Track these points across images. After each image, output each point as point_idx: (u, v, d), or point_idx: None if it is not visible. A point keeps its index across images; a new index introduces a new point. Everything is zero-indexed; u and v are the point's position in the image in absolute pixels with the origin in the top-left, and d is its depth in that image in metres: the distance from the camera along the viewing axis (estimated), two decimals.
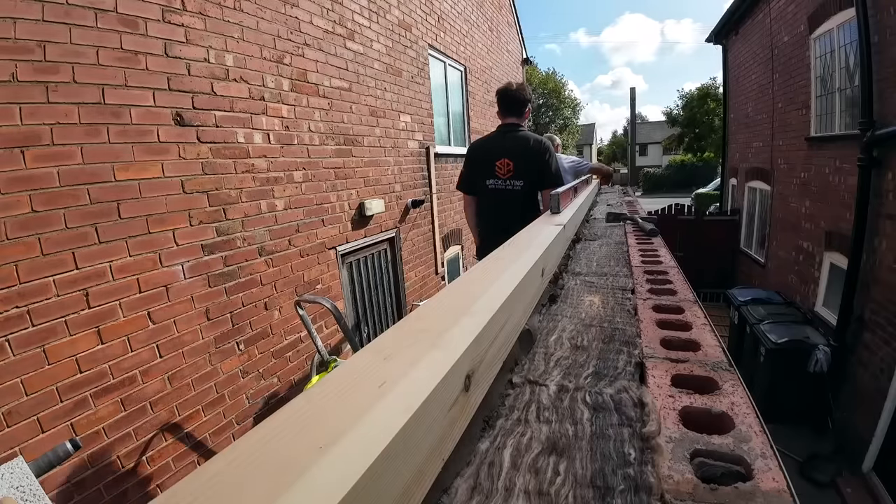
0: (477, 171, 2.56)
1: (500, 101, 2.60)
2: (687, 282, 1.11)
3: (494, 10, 7.45)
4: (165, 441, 2.10)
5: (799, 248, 5.55)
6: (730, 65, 8.78)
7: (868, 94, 3.87)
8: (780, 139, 6.25)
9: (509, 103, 2.57)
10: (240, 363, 2.51)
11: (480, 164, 2.54)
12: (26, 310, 1.61)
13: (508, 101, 2.57)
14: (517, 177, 2.45)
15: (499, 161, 2.47)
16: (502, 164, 2.46)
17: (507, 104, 2.57)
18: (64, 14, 1.70)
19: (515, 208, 2.45)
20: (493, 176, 2.49)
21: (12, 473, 0.91)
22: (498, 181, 2.48)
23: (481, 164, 2.53)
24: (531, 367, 0.70)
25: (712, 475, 0.43)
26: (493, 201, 2.52)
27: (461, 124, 6.24)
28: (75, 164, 1.75)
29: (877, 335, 3.73)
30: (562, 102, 25.66)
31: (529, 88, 2.78)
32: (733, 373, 0.62)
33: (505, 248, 0.90)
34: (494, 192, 2.50)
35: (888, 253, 3.66)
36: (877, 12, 3.79)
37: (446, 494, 0.43)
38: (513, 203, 2.46)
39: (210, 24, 2.29)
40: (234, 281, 2.45)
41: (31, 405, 1.62)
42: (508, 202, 2.47)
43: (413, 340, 0.43)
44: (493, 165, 2.48)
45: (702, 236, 8.13)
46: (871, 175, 3.84)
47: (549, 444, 0.50)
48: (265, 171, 2.64)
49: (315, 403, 0.32)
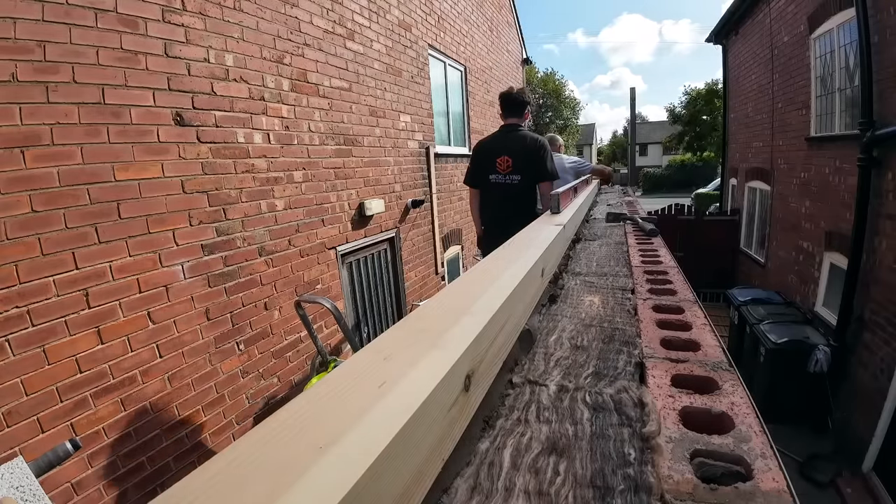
0: (481, 166, 2.84)
1: (502, 104, 2.90)
2: (687, 282, 1.11)
3: (494, 10, 7.45)
4: (165, 441, 2.10)
5: (799, 248, 5.55)
6: (730, 65, 8.78)
7: (868, 94, 3.87)
8: (780, 139, 6.25)
9: (510, 105, 2.86)
10: (240, 363, 2.51)
11: (484, 161, 2.82)
12: (26, 310, 1.61)
13: (509, 103, 2.86)
14: (515, 172, 2.72)
15: (499, 158, 2.74)
16: (502, 161, 2.74)
17: (508, 106, 2.86)
18: (64, 14, 1.70)
19: (514, 200, 2.74)
20: (494, 171, 2.77)
21: (12, 473, 0.91)
22: (499, 176, 2.76)
23: (485, 161, 2.82)
24: (531, 367, 0.70)
25: (712, 475, 0.43)
26: (494, 194, 2.81)
27: (461, 124, 6.24)
28: (75, 164, 1.75)
29: (877, 335, 3.72)
30: (561, 103, 25.64)
31: (528, 92, 3.00)
32: (733, 373, 0.62)
33: (505, 248, 0.90)
34: (496, 185, 2.78)
35: (888, 253, 3.66)
36: (877, 12, 3.79)
37: (446, 494, 0.43)
38: (512, 195, 2.74)
39: (210, 24, 2.29)
40: (234, 281, 2.45)
41: (31, 405, 1.62)
42: (508, 195, 2.75)
43: (413, 340, 0.43)
44: (494, 162, 2.76)
45: (702, 236, 8.12)
46: (871, 175, 3.84)
47: (549, 444, 0.50)
48: (265, 171, 2.64)
49: (315, 403, 0.32)
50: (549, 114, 25.33)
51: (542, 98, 25.09)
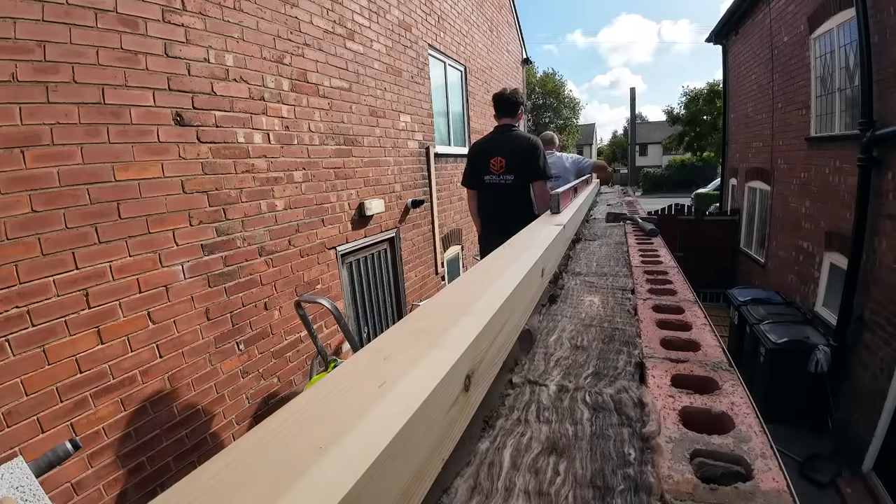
0: (476, 168, 2.85)
1: (496, 105, 2.92)
2: (687, 282, 1.11)
3: (494, 10, 7.45)
4: (165, 441, 2.10)
5: (799, 248, 5.55)
6: (730, 65, 8.78)
7: (868, 94, 3.87)
8: (780, 139, 6.25)
9: (504, 106, 2.88)
10: (240, 363, 2.51)
11: (479, 162, 2.84)
12: (26, 310, 1.61)
13: (503, 104, 2.88)
14: (508, 172, 2.75)
15: (493, 159, 2.77)
16: (496, 162, 2.77)
17: (502, 107, 2.89)
18: (64, 14, 1.70)
19: (509, 201, 2.77)
20: (488, 172, 2.80)
21: (12, 473, 0.91)
22: (493, 176, 2.79)
23: (479, 162, 2.83)
24: (531, 367, 0.70)
25: (712, 475, 0.43)
26: (489, 195, 2.84)
27: (461, 124, 6.24)
28: (75, 164, 1.75)
29: (877, 335, 3.72)
30: (561, 102, 25.64)
31: (521, 92, 3.07)
32: (733, 373, 0.62)
33: (505, 248, 0.90)
34: (490, 186, 2.81)
35: (888, 253, 3.66)
36: (877, 12, 3.79)
37: (446, 494, 0.43)
38: (507, 196, 2.77)
39: (210, 24, 2.29)
40: (234, 281, 2.45)
41: (31, 405, 1.62)
42: (502, 195, 2.78)
43: (413, 340, 0.43)
44: (488, 163, 2.78)
45: (702, 236, 8.12)
46: (870, 175, 3.84)
47: (549, 444, 0.50)
48: (265, 171, 2.64)
49: (315, 403, 0.32)
50: (548, 114, 25.32)
51: (541, 98, 25.08)
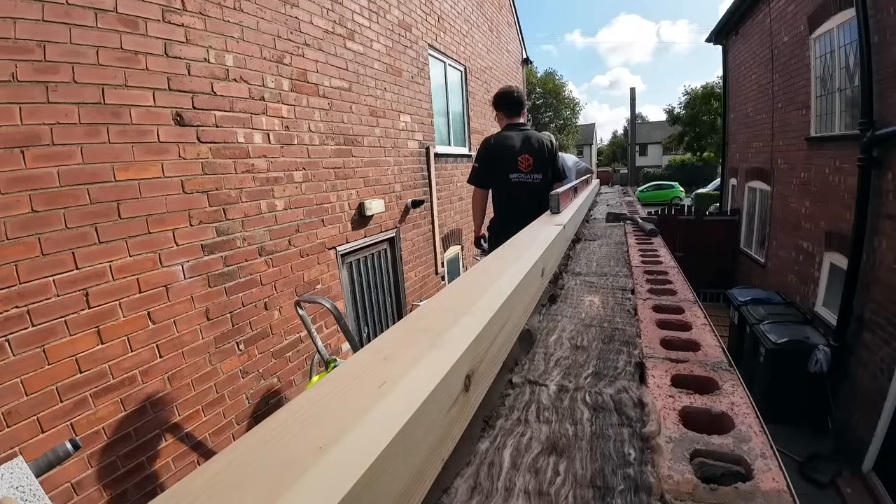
0: (498, 165, 2.73)
1: (505, 103, 2.84)
2: (687, 282, 1.11)
3: (494, 10, 7.45)
4: (165, 441, 2.10)
5: (799, 248, 5.55)
6: (730, 65, 8.78)
7: (868, 95, 3.87)
8: (780, 139, 6.25)
9: (513, 104, 2.83)
10: (240, 363, 2.51)
11: (502, 160, 2.71)
12: (26, 310, 1.61)
13: (512, 102, 2.82)
14: (536, 171, 2.70)
15: (521, 157, 2.69)
16: (524, 160, 2.69)
17: (512, 105, 2.83)
18: (64, 14, 1.70)
19: (538, 199, 2.67)
20: (516, 170, 2.70)
21: (12, 473, 0.91)
22: (521, 175, 2.71)
23: (503, 160, 2.71)
24: (531, 367, 0.70)
25: (712, 475, 0.43)
26: (517, 193, 2.73)
27: (461, 124, 6.24)
28: (75, 164, 1.75)
29: (877, 335, 3.72)
30: (561, 103, 25.64)
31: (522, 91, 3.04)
32: (733, 373, 0.62)
33: (505, 248, 0.90)
34: (518, 185, 2.71)
35: (888, 253, 3.66)
36: (877, 12, 3.79)
37: (446, 494, 0.43)
38: (536, 193, 2.68)
39: (210, 24, 2.29)
40: (234, 281, 2.45)
41: (31, 405, 1.62)
42: (530, 194, 2.69)
43: (413, 340, 0.43)
44: (515, 160, 2.69)
45: (702, 236, 8.13)
46: (870, 175, 3.84)
47: (549, 444, 0.50)
48: (265, 171, 2.64)
49: (315, 403, 0.32)
50: (548, 114, 25.33)
51: (541, 98, 25.08)
